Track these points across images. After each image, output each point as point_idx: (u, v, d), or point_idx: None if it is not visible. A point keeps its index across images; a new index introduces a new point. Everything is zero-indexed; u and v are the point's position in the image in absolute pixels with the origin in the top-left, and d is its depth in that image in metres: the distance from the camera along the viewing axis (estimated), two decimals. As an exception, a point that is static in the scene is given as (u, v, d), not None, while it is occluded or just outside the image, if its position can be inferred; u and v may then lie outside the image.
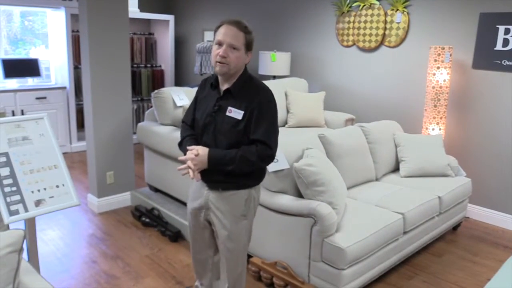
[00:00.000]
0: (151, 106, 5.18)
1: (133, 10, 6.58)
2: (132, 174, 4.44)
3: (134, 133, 5.95)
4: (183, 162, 2.09)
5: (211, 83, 2.18)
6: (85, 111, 4.19)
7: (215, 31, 2.07)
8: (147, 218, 3.96)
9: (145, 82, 7.06)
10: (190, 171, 2.04)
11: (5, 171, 1.97)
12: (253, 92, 2.07)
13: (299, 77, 5.69)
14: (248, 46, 2.06)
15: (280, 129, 4.92)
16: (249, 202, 2.19)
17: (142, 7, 6.96)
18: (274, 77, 5.66)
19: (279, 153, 2.92)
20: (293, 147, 3.10)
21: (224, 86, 2.12)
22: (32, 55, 6.53)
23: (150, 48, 7.20)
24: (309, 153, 2.97)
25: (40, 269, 2.57)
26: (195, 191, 2.30)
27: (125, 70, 4.21)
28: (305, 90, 5.40)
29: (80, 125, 6.36)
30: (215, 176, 2.12)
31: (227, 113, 2.07)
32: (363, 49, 5.07)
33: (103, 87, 4.08)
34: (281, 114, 5.11)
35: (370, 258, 2.82)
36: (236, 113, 2.05)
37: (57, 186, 2.09)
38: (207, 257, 2.45)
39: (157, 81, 7.22)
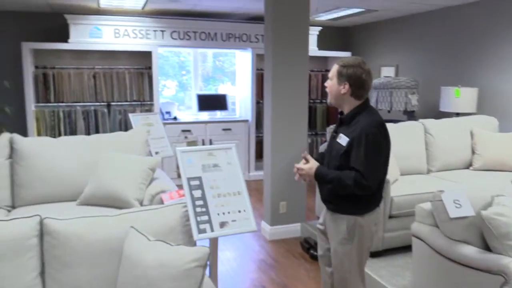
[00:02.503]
0: (325, 141, 5.28)
1: (312, 48, 6.89)
2: (303, 206, 4.55)
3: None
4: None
5: (340, 111, 2.48)
6: (265, 143, 4.49)
7: None
8: (315, 252, 3.98)
9: (320, 117, 7.26)
10: (297, 174, 2.45)
11: (198, 193, 2.23)
12: (359, 123, 2.28)
13: (488, 115, 5.13)
14: (341, 77, 2.32)
15: (463, 171, 4.55)
16: (353, 229, 2.34)
17: (321, 45, 7.23)
18: (458, 114, 5.23)
19: (462, 198, 2.65)
20: (480, 193, 2.77)
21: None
22: (220, 91, 7.34)
23: (321, 84, 7.40)
24: (500, 200, 2.62)
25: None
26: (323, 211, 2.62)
27: (302, 106, 4.40)
28: (495, 129, 4.84)
29: (259, 155, 6.82)
30: (328, 197, 2.42)
31: (337, 139, 2.36)
32: None
33: (282, 121, 4.33)
34: (465, 155, 4.66)
35: None
36: (343, 140, 2.31)
37: (239, 211, 2.27)
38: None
39: (332, 116, 7.35)
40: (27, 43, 5.70)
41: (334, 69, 2.37)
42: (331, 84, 2.37)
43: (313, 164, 2.38)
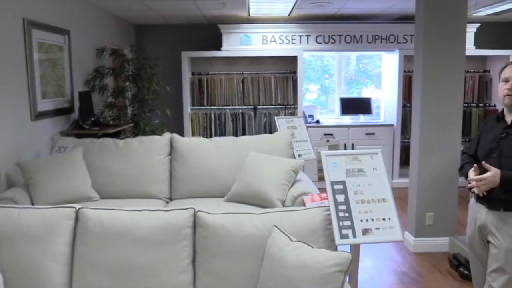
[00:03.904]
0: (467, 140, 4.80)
1: (468, 47, 6.30)
2: (453, 219, 4.18)
3: (469, 186, 5.61)
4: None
5: (496, 117, 2.53)
6: (412, 149, 4.24)
7: (500, 72, 2.49)
8: (466, 270, 3.62)
9: (475, 122, 6.61)
10: (476, 188, 2.37)
11: (341, 198, 2.20)
12: None
13: None
14: None
15: None
16: None
17: (478, 43, 6.58)
18: None
19: None
20: None
21: (510, 117, 2.44)
22: (363, 95, 7.16)
23: (484, 86, 6.70)
24: None
25: (357, 294, 2.71)
26: (473, 214, 2.56)
27: (456, 110, 4.06)
28: None
29: (403, 161, 6.48)
30: (499, 196, 2.35)
31: None
32: None
33: (432, 126, 4.05)
34: None
35: None
36: None
37: (384, 219, 2.18)
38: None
39: (489, 121, 6.63)
40: (185, 52, 6.30)
41: None
42: None
43: (495, 171, 2.32)
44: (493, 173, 2.31)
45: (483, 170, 2.37)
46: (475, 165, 2.43)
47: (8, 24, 3.56)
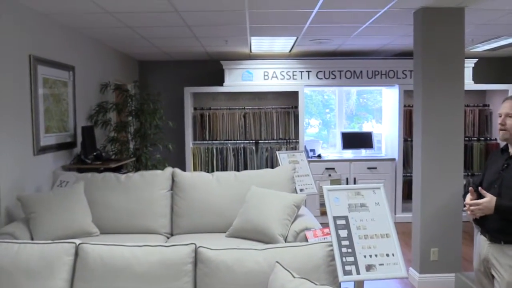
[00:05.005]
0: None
1: (467, 82, 6.37)
2: (458, 255, 4.12)
3: (464, 210, 5.56)
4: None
5: (501, 149, 2.60)
6: (414, 183, 4.23)
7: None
8: (473, 308, 3.54)
9: (477, 156, 6.60)
10: (470, 212, 2.46)
11: (344, 233, 2.18)
12: None
13: None
14: None
15: None
16: None
17: (477, 78, 6.66)
18: None
19: None
20: None
21: None
22: (364, 129, 7.20)
23: (484, 120, 6.74)
24: None
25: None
26: (477, 247, 2.60)
27: (457, 144, 4.07)
28: None
29: (406, 196, 6.44)
30: (498, 227, 2.38)
31: None
32: None
33: (434, 160, 4.04)
34: None
35: None
36: None
37: (387, 255, 2.15)
38: None
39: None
40: (188, 88, 6.40)
41: None
42: None
43: (491, 197, 2.37)
44: (488, 200, 2.36)
45: (479, 196, 2.42)
46: (470, 188, 2.47)
47: (14, 60, 3.63)
